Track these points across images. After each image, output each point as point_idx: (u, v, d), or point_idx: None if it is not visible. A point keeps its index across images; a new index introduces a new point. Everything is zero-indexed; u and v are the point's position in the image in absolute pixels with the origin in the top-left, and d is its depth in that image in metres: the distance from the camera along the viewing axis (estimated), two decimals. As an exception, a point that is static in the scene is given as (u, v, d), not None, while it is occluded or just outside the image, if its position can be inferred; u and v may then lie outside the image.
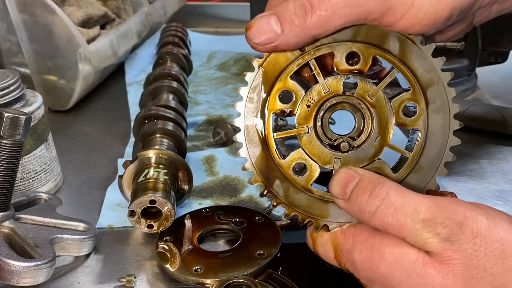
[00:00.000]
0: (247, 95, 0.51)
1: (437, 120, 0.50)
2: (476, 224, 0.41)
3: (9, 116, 0.56)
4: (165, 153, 0.69)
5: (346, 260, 0.49)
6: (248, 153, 0.52)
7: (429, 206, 0.43)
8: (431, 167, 0.51)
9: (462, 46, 1.01)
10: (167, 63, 1.08)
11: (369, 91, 0.50)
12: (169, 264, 0.59)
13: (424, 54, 0.49)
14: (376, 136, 0.50)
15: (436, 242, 0.42)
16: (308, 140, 0.51)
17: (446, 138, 0.50)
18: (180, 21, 1.47)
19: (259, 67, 0.51)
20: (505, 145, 0.86)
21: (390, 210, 0.44)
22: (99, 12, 1.12)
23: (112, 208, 0.73)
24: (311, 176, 0.51)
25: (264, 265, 0.58)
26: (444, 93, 0.50)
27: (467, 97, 1.04)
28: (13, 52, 1.01)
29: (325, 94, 0.50)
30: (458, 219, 0.42)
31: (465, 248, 0.41)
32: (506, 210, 0.69)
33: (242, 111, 0.51)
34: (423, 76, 0.49)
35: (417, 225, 0.42)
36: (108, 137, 0.97)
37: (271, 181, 0.52)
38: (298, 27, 0.46)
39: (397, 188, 0.45)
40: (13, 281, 0.52)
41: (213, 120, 0.99)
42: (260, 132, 0.51)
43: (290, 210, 0.52)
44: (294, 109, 0.51)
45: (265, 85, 0.51)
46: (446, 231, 0.41)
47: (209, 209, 0.69)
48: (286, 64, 0.50)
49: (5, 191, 0.58)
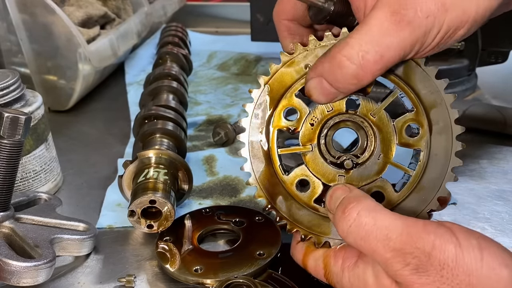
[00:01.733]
0: (253, 111, 0.52)
1: (440, 141, 0.50)
2: (443, 254, 0.41)
3: (9, 116, 0.56)
4: (165, 153, 0.69)
5: (336, 282, 0.50)
6: (252, 168, 0.52)
7: (400, 233, 0.42)
8: (432, 187, 0.51)
9: (462, 46, 1.01)
10: (167, 63, 1.08)
11: (372, 110, 0.50)
12: (169, 264, 0.59)
13: (427, 76, 0.49)
14: (379, 154, 0.51)
15: (406, 274, 0.41)
16: (312, 158, 0.51)
17: (448, 159, 0.50)
18: (180, 21, 1.47)
19: (265, 84, 0.51)
20: (505, 145, 0.86)
21: (362, 233, 0.44)
22: (99, 12, 1.11)
23: (112, 208, 0.73)
24: (314, 193, 0.52)
25: (264, 265, 0.58)
26: (447, 115, 0.50)
27: (467, 97, 1.04)
28: (13, 52, 1.01)
29: (328, 113, 0.51)
30: (427, 249, 0.41)
31: (433, 281, 0.41)
32: (506, 210, 0.69)
33: (247, 127, 0.52)
34: (427, 97, 0.50)
35: (388, 253, 0.42)
36: (108, 137, 0.97)
37: (274, 197, 0.53)
38: (354, 88, 0.47)
39: (370, 208, 0.45)
40: (13, 281, 0.52)
41: (213, 120, 0.99)
42: (264, 148, 0.52)
43: (292, 226, 0.53)
44: (299, 126, 0.51)
45: (271, 102, 0.51)
46: (415, 262, 0.41)
47: (209, 209, 0.69)
48: (292, 82, 0.51)
49: (5, 191, 0.58)
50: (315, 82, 0.48)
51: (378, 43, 0.44)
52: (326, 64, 0.47)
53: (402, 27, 0.44)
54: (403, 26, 0.44)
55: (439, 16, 0.44)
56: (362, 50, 0.44)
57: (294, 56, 0.51)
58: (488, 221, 0.68)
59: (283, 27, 0.57)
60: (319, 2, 0.51)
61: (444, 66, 1.00)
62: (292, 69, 0.51)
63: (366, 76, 0.46)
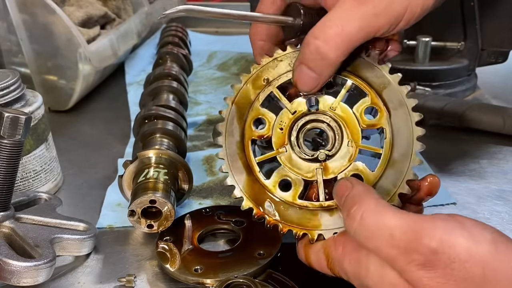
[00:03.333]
0: (226, 129, 0.56)
1: (399, 116, 0.54)
2: (453, 249, 0.40)
3: (9, 116, 0.56)
4: (165, 153, 0.69)
5: (339, 269, 0.50)
6: (235, 181, 0.56)
7: (404, 231, 0.42)
8: (404, 159, 0.53)
9: (462, 46, 1.01)
10: (167, 63, 1.08)
11: (330, 104, 0.55)
12: (169, 264, 0.59)
13: (371, 64, 0.55)
14: (348, 141, 0.54)
15: (412, 270, 0.41)
16: (288, 159, 0.55)
17: (410, 130, 0.54)
18: (180, 21, 1.47)
19: (231, 104, 0.57)
20: (505, 145, 0.86)
21: (366, 234, 0.44)
22: (99, 12, 1.11)
23: (112, 208, 0.73)
24: (297, 191, 0.54)
25: (264, 265, 0.58)
26: (397, 92, 0.54)
27: (467, 97, 1.04)
28: (13, 52, 1.01)
29: (293, 115, 0.55)
30: (432, 245, 0.40)
31: (442, 274, 0.40)
32: (506, 210, 0.69)
33: (224, 144, 0.56)
34: (375, 81, 0.55)
35: (393, 251, 0.42)
36: (108, 137, 0.97)
37: (261, 202, 0.55)
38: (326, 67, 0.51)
39: (373, 209, 0.44)
40: (13, 281, 0.53)
41: (213, 120, 0.99)
42: (242, 159, 0.56)
43: (284, 227, 0.54)
44: (269, 132, 0.55)
45: (240, 118, 0.57)
46: (421, 258, 0.40)
47: (209, 209, 0.69)
48: (255, 96, 0.56)
49: (5, 191, 0.58)
50: (298, 70, 0.52)
51: (339, 18, 0.48)
52: (302, 50, 0.51)
53: (363, 2, 0.48)
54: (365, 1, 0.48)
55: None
56: (325, 26, 0.48)
57: (253, 73, 0.57)
58: (488, 221, 0.68)
59: (258, 47, 0.61)
60: (288, 21, 0.55)
61: (444, 66, 1.00)
62: (253, 85, 0.57)
63: (331, 50, 0.49)
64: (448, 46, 1.02)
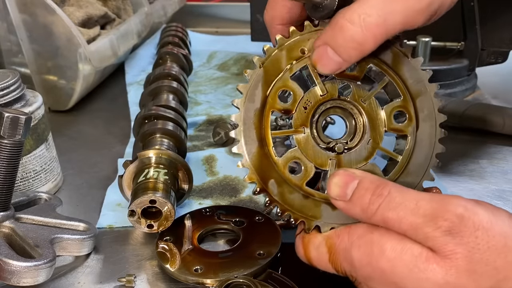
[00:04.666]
0: (247, 92, 0.51)
1: (425, 128, 0.53)
2: (477, 216, 0.41)
3: (9, 116, 0.56)
4: (165, 153, 0.69)
5: (343, 260, 0.48)
6: (245, 150, 0.51)
7: (429, 200, 0.43)
8: (418, 172, 0.53)
9: (462, 46, 1.01)
10: (167, 63, 1.08)
11: (362, 96, 0.52)
12: (169, 264, 0.59)
13: (414, 67, 0.52)
14: (369, 139, 0.52)
15: (438, 236, 0.42)
16: (304, 141, 0.52)
17: (432, 145, 0.53)
18: (180, 21, 1.47)
19: (260, 66, 0.51)
20: (505, 145, 0.86)
21: (392, 205, 0.44)
22: (99, 12, 1.11)
23: (112, 208, 0.73)
24: (306, 176, 0.52)
25: (264, 265, 0.58)
26: (431, 103, 0.53)
27: (467, 97, 1.04)
28: (13, 52, 1.01)
29: (322, 97, 0.52)
30: (459, 211, 0.42)
31: (467, 242, 0.41)
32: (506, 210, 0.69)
33: (242, 108, 0.51)
34: (413, 86, 0.52)
35: (418, 219, 0.42)
36: (108, 137, 0.97)
37: (266, 179, 0.52)
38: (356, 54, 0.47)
39: (399, 187, 0.46)
40: (13, 281, 0.52)
41: (213, 120, 0.99)
42: (258, 129, 0.51)
43: (283, 208, 0.52)
44: (293, 109, 0.51)
45: (266, 84, 0.51)
46: (447, 224, 0.41)
47: (209, 209, 0.69)
48: (287, 64, 0.51)
49: (5, 191, 0.58)
50: (320, 50, 0.48)
51: (382, 6, 0.44)
52: (329, 30, 0.47)
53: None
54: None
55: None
56: (364, 13, 0.44)
57: (290, 40, 0.51)
58: (488, 221, 0.68)
59: (277, 31, 0.56)
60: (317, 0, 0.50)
61: (444, 66, 1.00)
62: (288, 52, 0.51)
63: (367, 40, 0.45)
64: (448, 46, 1.02)
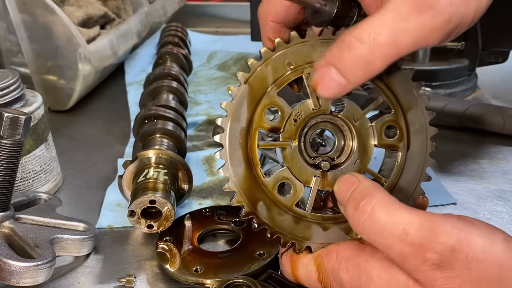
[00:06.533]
0: (232, 111, 0.48)
1: (416, 142, 0.51)
2: (471, 248, 0.38)
3: (9, 116, 0.56)
4: (165, 153, 0.69)
5: (333, 280, 0.46)
6: (231, 172, 0.48)
7: (418, 227, 0.39)
8: (408, 188, 0.51)
9: (462, 46, 1.01)
10: (167, 63, 1.08)
11: (355, 114, 0.50)
12: (169, 264, 0.59)
13: (406, 78, 0.50)
14: (356, 159, 0.51)
15: (425, 270, 0.39)
16: (291, 155, 0.49)
17: (423, 159, 0.52)
18: (180, 21, 1.47)
19: (245, 82, 0.48)
20: (505, 145, 0.86)
21: (377, 228, 0.41)
22: (99, 12, 1.11)
23: (112, 208, 0.73)
24: (296, 196, 0.50)
25: (264, 265, 0.58)
26: (422, 116, 0.51)
27: (467, 97, 1.04)
28: (13, 52, 1.01)
29: (314, 111, 0.49)
30: (450, 243, 0.38)
31: (458, 274, 0.38)
32: (506, 210, 0.69)
33: (226, 128, 0.48)
34: (404, 99, 0.50)
35: (406, 248, 0.39)
36: (108, 137, 0.97)
37: (254, 202, 0.49)
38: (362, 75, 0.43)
39: (385, 203, 0.42)
40: (13, 281, 0.52)
41: (213, 120, 0.99)
42: (244, 150, 0.48)
43: (273, 232, 0.50)
44: (281, 127, 0.49)
45: (251, 101, 0.48)
46: (436, 257, 0.38)
47: (209, 209, 0.69)
48: (274, 79, 0.49)
49: (5, 191, 0.58)
50: (323, 71, 0.43)
51: (393, 26, 0.40)
52: (335, 49, 0.43)
53: (423, 11, 0.40)
54: (425, 10, 0.40)
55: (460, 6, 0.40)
56: (374, 31, 0.40)
57: (276, 54, 0.48)
58: (488, 221, 0.67)
59: (269, 28, 0.53)
60: (317, 4, 0.47)
61: (444, 66, 1.00)
62: (273, 67, 0.48)
63: (377, 60, 0.41)
64: (448, 46, 1.02)
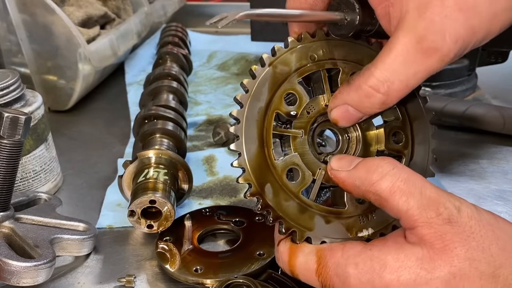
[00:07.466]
0: (253, 89, 0.49)
1: (419, 151, 0.54)
2: (469, 209, 0.44)
3: (9, 116, 0.56)
4: (165, 153, 0.69)
5: (334, 275, 0.46)
6: (244, 148, 0.48)
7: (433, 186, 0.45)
8: None
9: (462, 46, 1.01)
10: (167, 63, 1.08)
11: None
12: (169, 264, 0.59)
13: (413, 92, 0.52)
14: None
15: (439, 223, 0.43)
16: (301, 144, 0.51)
17: (424, 169, 0.54)
18: (180, 21, 1.47)
19: (269, 65, 0.50)
20: (505, 145, 0.86)
21: (404, 176, 0.44)
22: (99, 12, 1.11)
23: (112, 208, 0.73)
24: (304, 183, 0.50)
25: (264, 265, 0.58)
26: (426, 128, 0.54)
27: (467, 97, 1.04)
28: (13, 52, 1.01)
29: (324, 108, 0.51)
30: (456, 203, 0.44)
31: (463, 230, 0.42)
32: (506, 210, 0.69)
33: (245, 104, 0.49)
34: (412, 110, 0.54)
35: (424, 200, 0.43)
36: (108, 137, 0.97)
37: (262, 183, 0.49)
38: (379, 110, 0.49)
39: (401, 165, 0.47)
40: (13, 281, 0.52)
41: (213, 120, 0.99)
42: (259, 129, 0.49)
43: (276, 215, 0.49)
44: (299, 112, 0.51)
45: (273, 84, 0.50)
46: (448, 212, 0.43)
47: (209, 209, 0.69)
48: (296, 68, 0.50)
49: (5, 191, 0.58)
50: (342, 109, 0.49)
51: (403, 73, 0.45)
52: (352, 94, 0.48)
53: (429, 55, 0.43)
54: (431, 53, 0.43)
55: (467, 39, 0.43)
56: (388, 81, 0.45)
57: (302, 45, 0.51)
58: (488, 221, 0.68)
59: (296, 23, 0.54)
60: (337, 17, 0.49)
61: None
62: (298, 56, 0.50)
63: (392, 101, 0.47)
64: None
